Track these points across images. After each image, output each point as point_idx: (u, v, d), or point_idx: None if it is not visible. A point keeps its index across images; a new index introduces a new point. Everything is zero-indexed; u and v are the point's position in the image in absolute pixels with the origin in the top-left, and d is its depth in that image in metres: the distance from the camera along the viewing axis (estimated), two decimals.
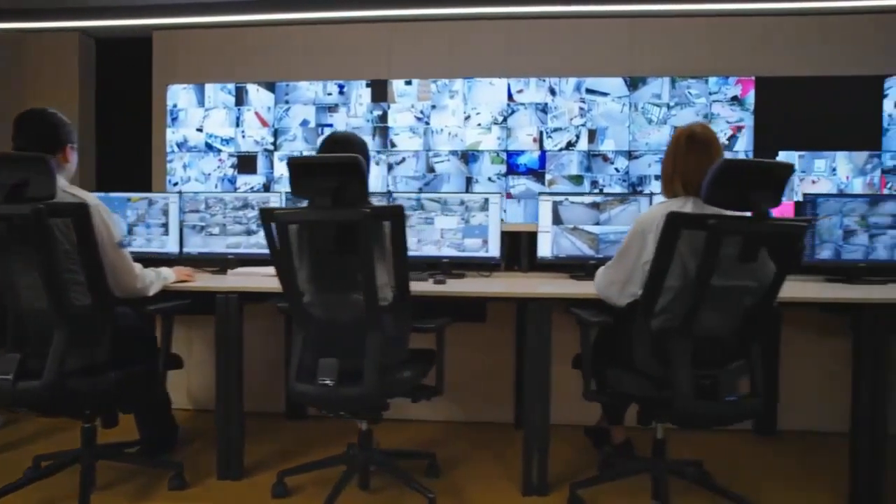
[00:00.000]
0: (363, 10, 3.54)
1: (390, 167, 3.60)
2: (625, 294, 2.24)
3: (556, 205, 3.09)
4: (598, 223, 3.08)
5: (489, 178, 3.54)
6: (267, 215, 2.11)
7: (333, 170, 2.09)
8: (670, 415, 2.11)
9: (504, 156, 3.55)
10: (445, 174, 3.57)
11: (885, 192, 3.37)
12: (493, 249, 3.11)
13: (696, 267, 1.99)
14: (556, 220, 3.09)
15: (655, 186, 3.44)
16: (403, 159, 3.59)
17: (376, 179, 3.58)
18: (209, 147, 3.70)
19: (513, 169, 3.54)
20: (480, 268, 3.19)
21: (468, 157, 3.56)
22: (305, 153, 3.62)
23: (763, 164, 2.05)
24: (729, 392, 2.06)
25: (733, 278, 2.04)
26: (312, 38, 3.64)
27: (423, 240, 3.13)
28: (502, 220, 3.16)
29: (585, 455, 2.90)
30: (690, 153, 2.19)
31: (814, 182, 3.42)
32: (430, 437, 3.17)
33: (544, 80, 3.52)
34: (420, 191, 3.52)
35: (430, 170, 3.58)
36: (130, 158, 3.85)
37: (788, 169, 2.01)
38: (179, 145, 3.71)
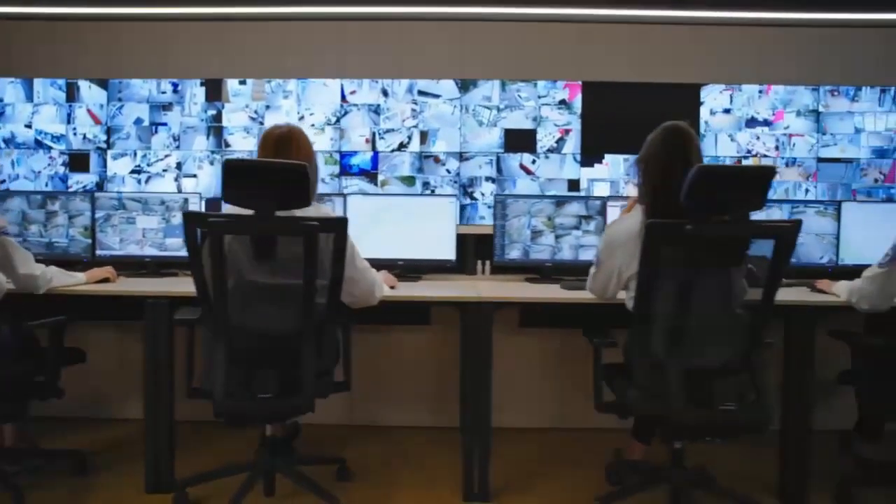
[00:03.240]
0: (194, 6, 3.50)
1: None
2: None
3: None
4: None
5: (322, 180, 3.54)
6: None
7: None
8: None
9: (337, 156, 3.56)
10: None
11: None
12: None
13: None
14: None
15: (486, 188, 3.50)
16: None
17: (210, 179, 3.56)
18: (39, 144, 3.61)
19: (346, 170, 3.56)
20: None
21: None
22: (139, 152, 3.57)
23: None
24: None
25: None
26: (145, 34, 3.57)
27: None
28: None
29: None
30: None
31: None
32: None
33: (377, 82, 3.54)
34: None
35: None
36: None
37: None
38: (7, 141, 3.61)
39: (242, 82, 3.57)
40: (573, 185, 3.52)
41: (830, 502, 2.53)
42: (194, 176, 3.57)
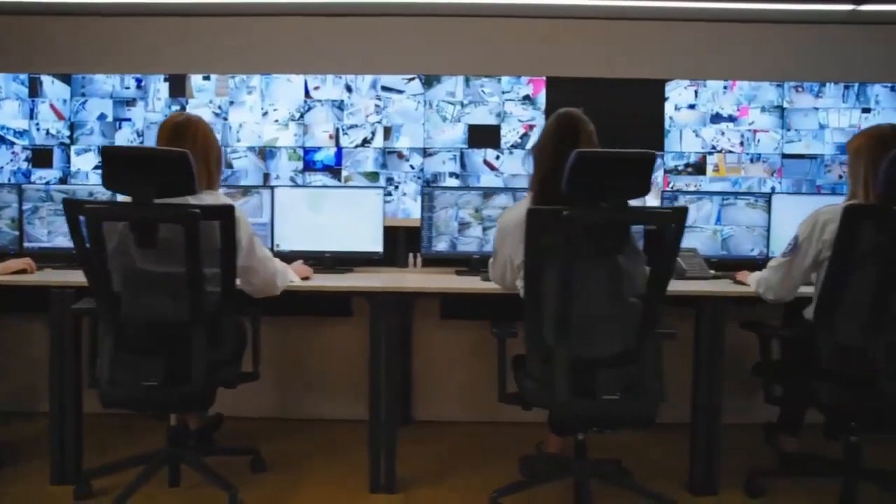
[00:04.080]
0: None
1: None
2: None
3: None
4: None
5: (289, 176, 3.53)
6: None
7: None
8: None
9: (301, 152, 3.55)
10: (243, 170, 3.55)
11: (667, 190, 3.48)
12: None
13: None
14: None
15: (450, 184, 3.49)
16: None
17: None
18: (1, 140, 3.59)
19: (309, 165, 3.55)
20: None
21: (266, 153, 3.55)
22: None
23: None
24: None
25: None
26: (109, 29, 3.56)
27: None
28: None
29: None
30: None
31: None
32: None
33: (341, 78, 3.53)
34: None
35: (229, 165, 3.55)
36: None
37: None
38: None
39: (206, 78, 3.56)
40: None
41: (742, 494, 2.54)
42: None
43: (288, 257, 2.84)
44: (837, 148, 3.55)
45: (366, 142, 3.54)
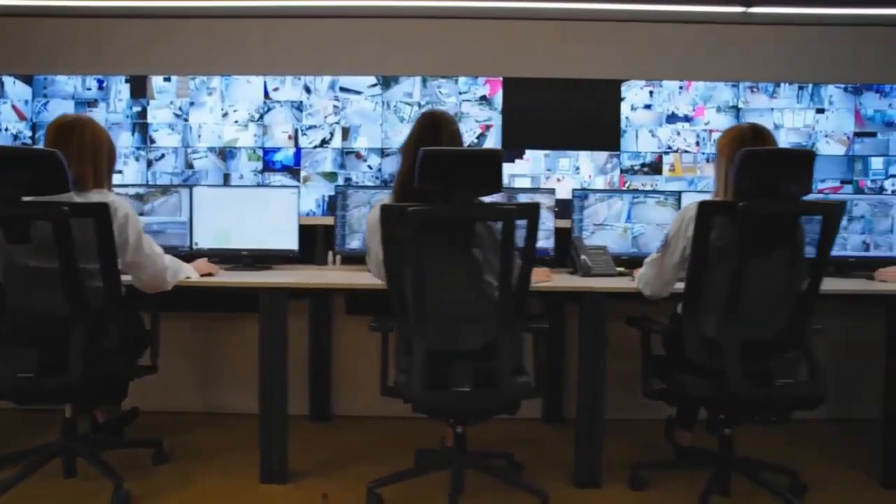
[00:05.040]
0: (119, 1, 3.51)
1: (150, 163, 3.59)
2: None
3: None
4: None
5: (248, 175, 3.56)
6: None
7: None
8: None
9: (260, 153, 3.58)
10: (204, 170, 3.58)
11: (623, 189, 3.52)
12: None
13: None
14: None
15: None
16: (163, 155, 3.60)
17: (136, 175, 3.58)
18: None
19: (269, 166, 3.58)
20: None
21: (226, 153, 3.58)
22: None
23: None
24: None
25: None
26: (70, 30, 3.59)
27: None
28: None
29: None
30: None
31: (559, 180, 3.56)
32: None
33: (300, 79, 3.57)
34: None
35: (189, 166, 3.59)
36: None
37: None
38: None
39: (167, 79, 3.59)
40: None
41: (625, 487, 2.57)
42: (120, 172, 3.58)
43: (206, 255, 2.94)
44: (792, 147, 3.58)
45: (324, 142, 3.57)
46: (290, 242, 3.10)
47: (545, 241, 3.08)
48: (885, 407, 2.64)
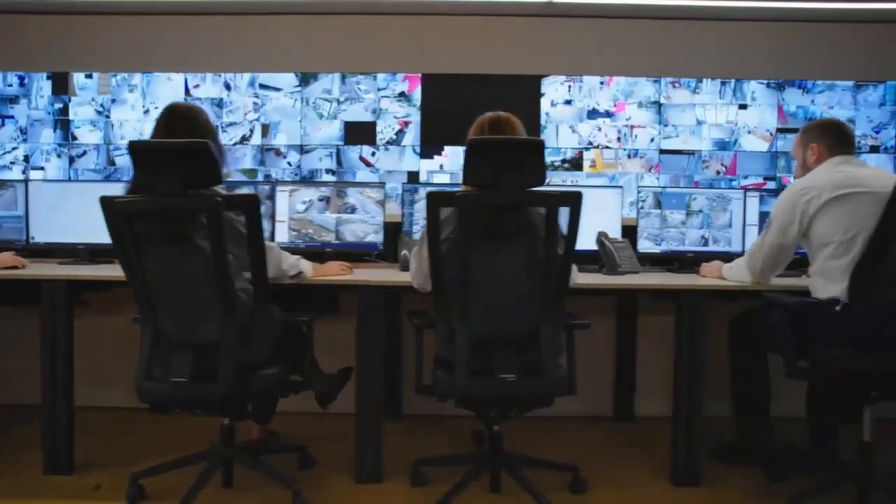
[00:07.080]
0: None
1: (72, 160, 3.61)
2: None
3: None
4: None
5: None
6: None
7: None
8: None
9: None
10: (125, 167, 3.59)
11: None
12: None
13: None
14: None
15: (327, 180, 3.53)
16: (85, 152, 3.61)
17: (58, 172, 3.60)
18: None
19: None
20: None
21: None
22: None
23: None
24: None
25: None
26: None
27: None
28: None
29: None
30: None
31: None
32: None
33: (220, 76, 3.57)
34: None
35: (111, 163, 3.60)
36: None
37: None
38: None
39: (89, 76, 3.60)
40: (413, 176, 3.55)
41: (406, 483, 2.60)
42: (42, 168, 3.61)
43: (43, 249, 3.02)
44: (715, 143, 3.57)
45: (244, 139, 3.58)
46: None
47: (374, 236, 3.12)
48: (674, 404, 2.63)
